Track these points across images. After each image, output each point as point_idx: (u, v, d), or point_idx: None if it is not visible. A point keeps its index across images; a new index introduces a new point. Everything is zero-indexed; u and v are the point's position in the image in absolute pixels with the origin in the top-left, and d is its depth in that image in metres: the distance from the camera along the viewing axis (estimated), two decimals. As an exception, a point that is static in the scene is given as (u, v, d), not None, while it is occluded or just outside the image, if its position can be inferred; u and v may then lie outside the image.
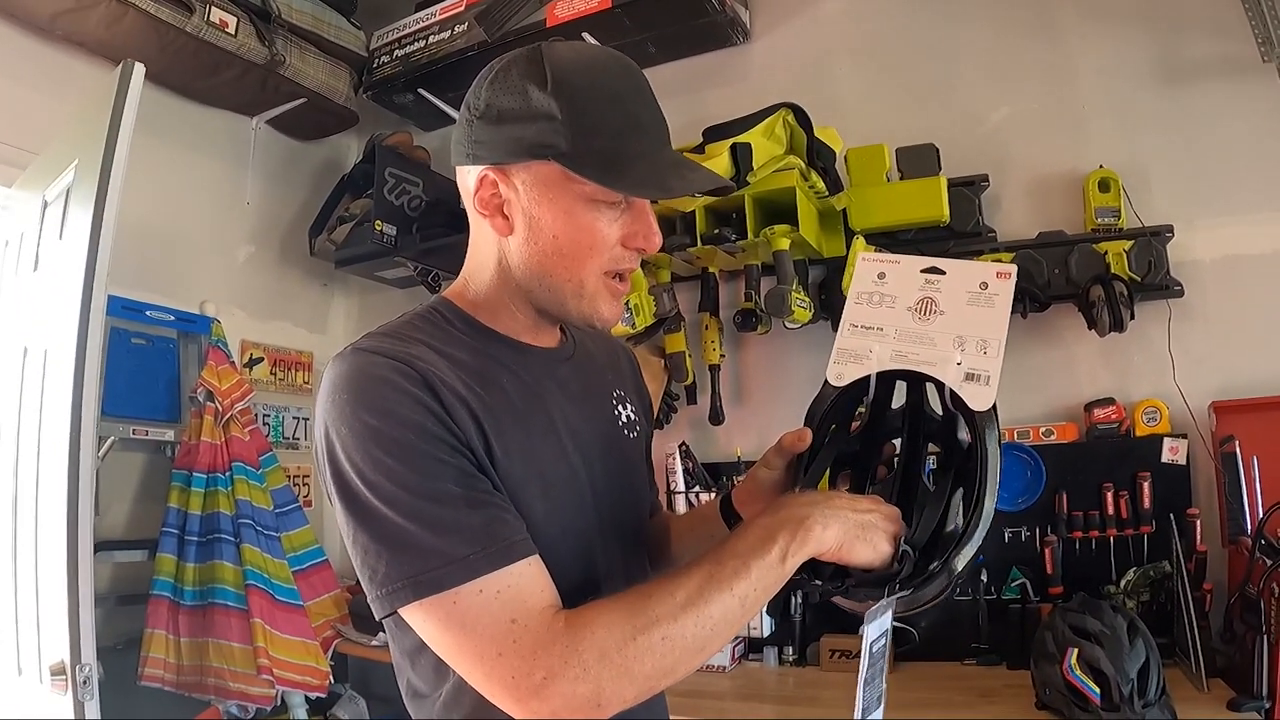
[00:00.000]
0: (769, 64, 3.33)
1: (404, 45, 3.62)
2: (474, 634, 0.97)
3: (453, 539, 0.99)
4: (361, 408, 1.04)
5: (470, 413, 1.08)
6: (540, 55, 1.13)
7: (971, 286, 1.24)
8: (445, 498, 1.01)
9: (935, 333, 1.23)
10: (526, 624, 0.97)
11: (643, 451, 1.43)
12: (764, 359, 3.20)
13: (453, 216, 3.57)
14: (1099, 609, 2.09)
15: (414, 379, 1.06)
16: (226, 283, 3.70)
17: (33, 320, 2.53)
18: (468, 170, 1.18)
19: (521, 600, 0.99)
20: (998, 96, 2.94)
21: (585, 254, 1.15)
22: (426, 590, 0.98)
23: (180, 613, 2.95)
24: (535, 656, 0.95)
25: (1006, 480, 2.66)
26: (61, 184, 2.49)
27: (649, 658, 0.96)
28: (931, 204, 2.69)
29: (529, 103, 1.11)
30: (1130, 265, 2.56)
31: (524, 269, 1.18)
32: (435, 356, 1.12)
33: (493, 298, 1.23)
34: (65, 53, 3.10)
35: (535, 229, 1.15)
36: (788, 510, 1.05)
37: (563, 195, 1.13)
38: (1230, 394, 2.49)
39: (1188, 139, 2.67)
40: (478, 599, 0.97)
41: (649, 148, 1.15)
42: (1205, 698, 2.07)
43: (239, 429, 3.20)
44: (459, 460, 1.04)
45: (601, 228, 1.15)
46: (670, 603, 0.98)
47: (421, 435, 1.03)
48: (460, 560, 0.98)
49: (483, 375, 1.15)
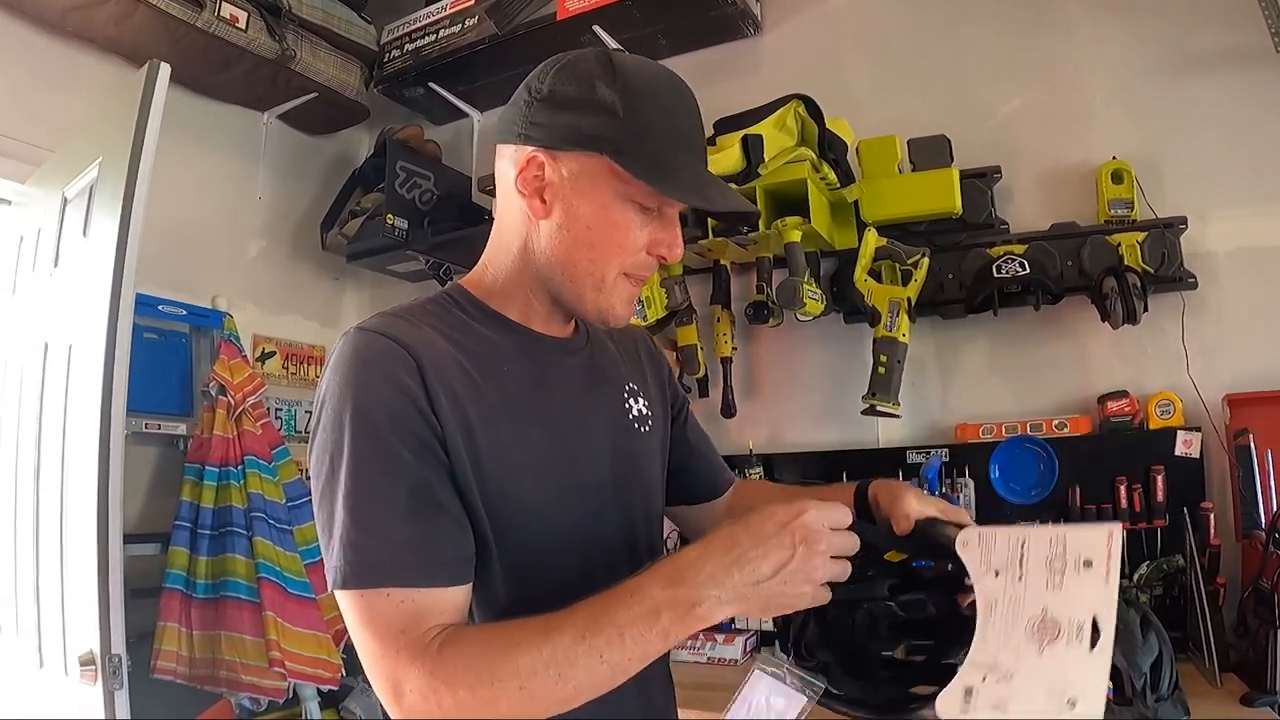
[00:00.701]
0: (780, 56, 3.32)
1: (414, 39, 3.62)
2: (370, 632, 1.03)
3: (377, 544, 1.04)
4: (350, 388, 1.09)
5: (458, 402, 1.12)
6: (609, 56, 1.18)
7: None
8: (387, 502, 1.05)
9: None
10: (411, 638, 1.02)
11: (656, 444, 1.43)
12: (776, 351, 3.19)
13: (464, 210, 3.58)
14: (1112, 603, 2.08)
15: (406, 366, 1.10)
16: (238, 277, 3.70)
17: (53, 316, 2.54)
18: (515, 149, 1.20)
19: (416, 615, 1.03)
20: (1009, 88, 2.93)
21: (613, 250, 1.19)
22: (345, 581, 1.04)
23: (192, 606, 2.95)
24: (406, 668, 1.01)
25: (1018, 473, 2.66)
26: (83, 181, 2.51)
27: (503, 702, 0.99)
28: (944, 196, 2.68)
29: (593, 95, 1.14)
30: (1143, 257, 2.55)
31: (550, 255, 1.20)
32: (439, 341, 1.16)
33: (511, 282, 1.26)
34: (75, 49, 3.11)
35: (570, 217, 1.18)
36: (685, 588, 1.00)
37: (604, 190, 1.16)
38: (1244, 387, 2.47)
39: (1200, 130, 2.64)
40: (384, 601, 1.03)
41: (692, 162, 1.20)
42: (1218, 693, 2.06)
43: (251, 423, 3.21)
44: (422, 461, 1.08)
45: (633, 229, 1.18)
46: (535, 656, 0.99)
47: (394, 428, 1.07)
48: (374, 565, 1.03)
49: (485, 362, 1.18)
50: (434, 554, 1.06)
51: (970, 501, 2.69)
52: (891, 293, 2.64)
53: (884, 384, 2.62)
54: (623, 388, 1.38)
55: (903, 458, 2.81)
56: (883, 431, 2.90)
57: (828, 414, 3.05)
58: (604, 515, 1.27)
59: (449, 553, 1.08)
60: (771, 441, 3.14)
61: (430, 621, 1.03)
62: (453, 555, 1.09)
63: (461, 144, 3.97)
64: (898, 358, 2.62)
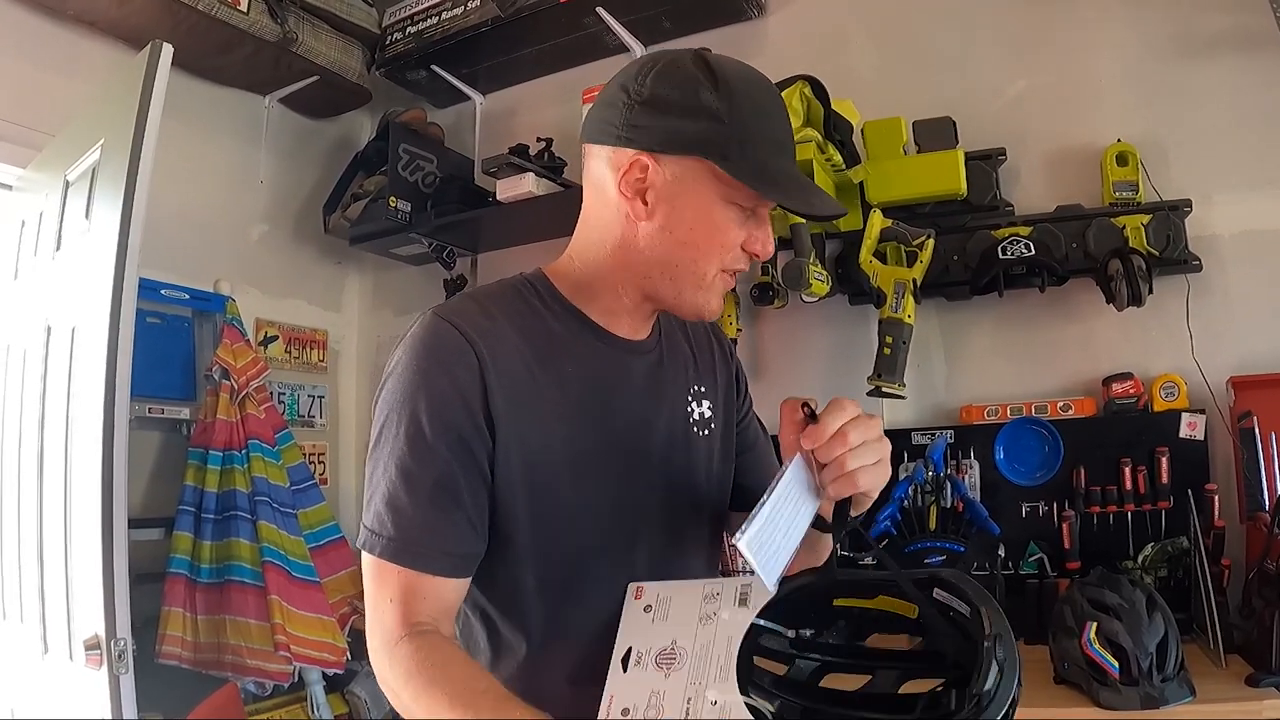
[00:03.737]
0: (784, 38, 3.31)
1: (416, 22, 3.60)
2: (373, 591, 1.16)
3: (396, 520, 1.14)
4: (409, 373, 1.17)
5: (513, 397, 1.18)
6: (705, 59, 1.21)
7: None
8: (414, 488, 1.14)
9: None
10: (397, 613, 1.13)
11: (716, 446, 1.45)
12: (781, 333, 3.18)
13: (466, 192, 3.57)
14: (1117, 583, 2.08)
15: (467, 360, 1.17)
16: (241, 261, 3.70)
17: (56, 301, 2.54)
18: (613, 151, 1.23)
19: (410, 591, 1.14)
20: (1015, 70, 2.91)
21: (715, 250, 1.23)
22: (366, 546, 1.16)
23: (197, 590, 2.96)
24: (383, 630, 1.14)
25: (1023, 454, 2.66)
26: (85, 164, 2.50)
27: (416, 710, 1.09)
28: (949, 177, 2.67)
29: (698, 100, 1.17)
30: (1148, 239, 2.54)
31: (652, 254, 1.24)
32: (508, 332, 1.22)
33: (599, 277, 1.30)
34: (76, 33, 3.09)
35: (675, 218, 1.21)
36: None
37: (706, 192, 1.20)
38: (1249, 369, 2.47)
39: (1205, 113, 2.63)
40: (389, 570, 1.14)
41: (789, 166, 1.25)
42: (1223, 673, 2.06)
43: (254, 406, 3.21)
44: (454, 456, 1.15)
45: (732, 228, 1.23)
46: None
47: (438, 422, 1.15)
48: (389, 539, 1.14)
49: (549, 359, 1.24)
50: (440, 544, 1.15)
51: (976, 483, 2.69)
52: (897, 274, 2.63)
53: (889, 365, 2.61)
54: (688, 390, 1.41)
55: (908, 439, 2.81)
56: (888, 413, 2.89)
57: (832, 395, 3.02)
58: (649, 519, 1.32)
59: (454, 546, 1.16)
60: (776, 423, 3.11)
61: (420, 601, 1.13)
62: (456, 549, 1.16)
63: (464, 126, 3.95)
64: (903, 339, 2.62)
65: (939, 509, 2.66)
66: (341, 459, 4.11)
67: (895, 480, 2.74)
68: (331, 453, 4.04)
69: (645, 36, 3.35)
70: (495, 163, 3.24)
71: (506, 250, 3.78)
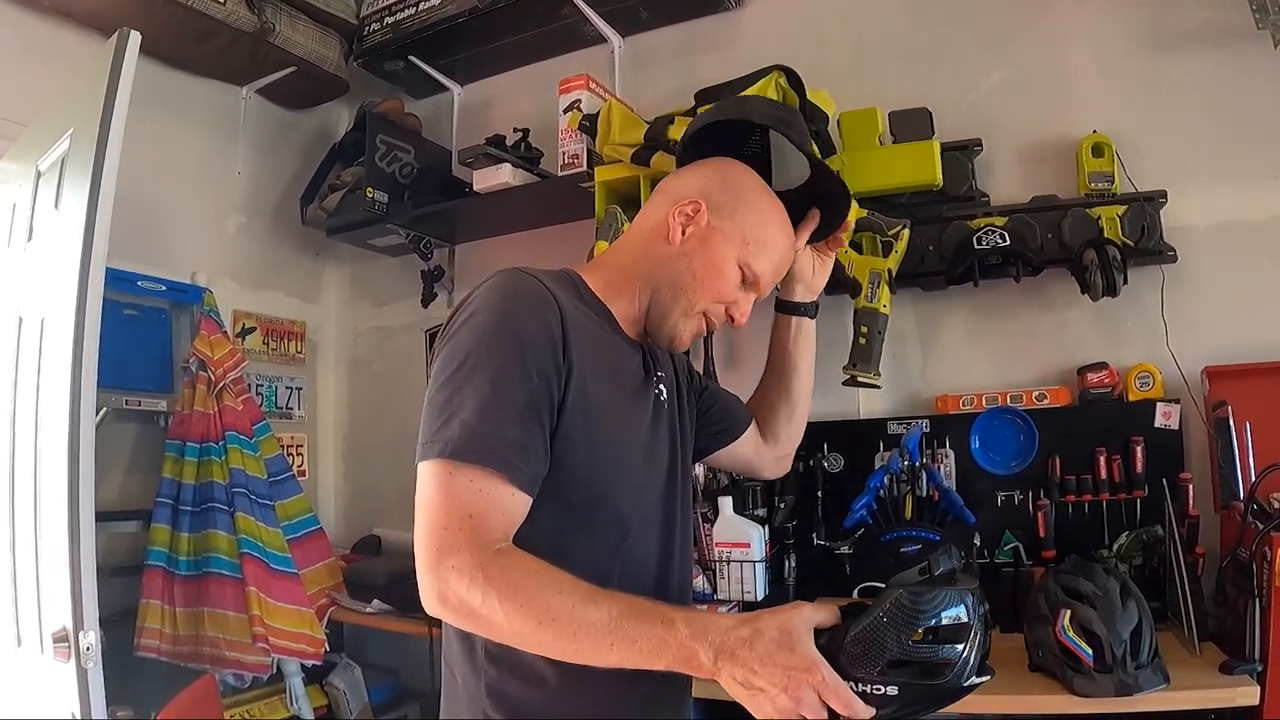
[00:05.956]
0: (761, 29, 3.30)
1: (394, 12, 3.57)
2: (439, 503, 1.20)
3: (489, 431, 1.22)
4: (502, 308, 1.31)
5: (582, 353, 1.34)
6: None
7: None
8: (510, 406, 1.24)
9: None
10: (474, 528, 1.18)
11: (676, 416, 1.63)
12: (756, 322, 3.14)
13: (444, 183, 3.57)
14: (1091, 571, 2.09)
15: (551, 308, 1.33)
16: (218, 253, 3.69)
17: (28, 291, 2.52)
18: (690, 187, 1.53)
19: (488, 509, 1.20)
20: (990, 61, 2.92)
21: (711, 290, 1.49)
22: (452, 453, 1.21)
23: (175, 582, 2.96)
24: (460, 549, 1.16)
25: (999, 444, 2.67)
26: (55, 154, 2.48)
27: (518, 622, 1.15)
28: (924, 168, 2.67)
29: None
30: (1123, 230, 2.55)
31: (664, 271, 1.49)
32: (569, 304, 1.38)
33: (625, 280, 1.52)
34: (53, 23, 3.08)
35: (695, 253, 1.48)
36: (700, 644, 1.13)
37: (729, 249, 1.48)
38: (1223, 359, 2.49)
39: (1181, 105, 2.65)
40: (466, 483, 1.20)
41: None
42: (1198, 661, 2.08)
43: (232, 398, 3.21)
44: (543, 385, 1.28)
45: (733, 285, 1.50)
46: (567, 609, 1.14)
47: (532, 351, 1.28)
48: (481, 448, 1.21)
49: (591, 339, 1.40)
50: (525, 459, 1.24)
51: (951, 472, 2.70)
52: (872, 264, 2.63)
53: (865, 355, 2.62)
54: (653, 378, 1.58)
55: (884, 428, 2.82)
56: (864, 402, 2.90)
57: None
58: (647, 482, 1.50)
59: (534, 465, 1.26)
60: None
61: (495, 515, 1.20)
62: (535, 468, 1.26)
63: (442, 117, 3.95)
64: (879, 329, 2.62)
65: (915, 498, 2.68)
66: (320, 450, 4.10)
67: (871, 470, 2.76)
68: (310, 444, 4.04)
69: (623, 27, 3.36)
70: (472, 153, 3.22)
71: (484, 241, 3.79)
